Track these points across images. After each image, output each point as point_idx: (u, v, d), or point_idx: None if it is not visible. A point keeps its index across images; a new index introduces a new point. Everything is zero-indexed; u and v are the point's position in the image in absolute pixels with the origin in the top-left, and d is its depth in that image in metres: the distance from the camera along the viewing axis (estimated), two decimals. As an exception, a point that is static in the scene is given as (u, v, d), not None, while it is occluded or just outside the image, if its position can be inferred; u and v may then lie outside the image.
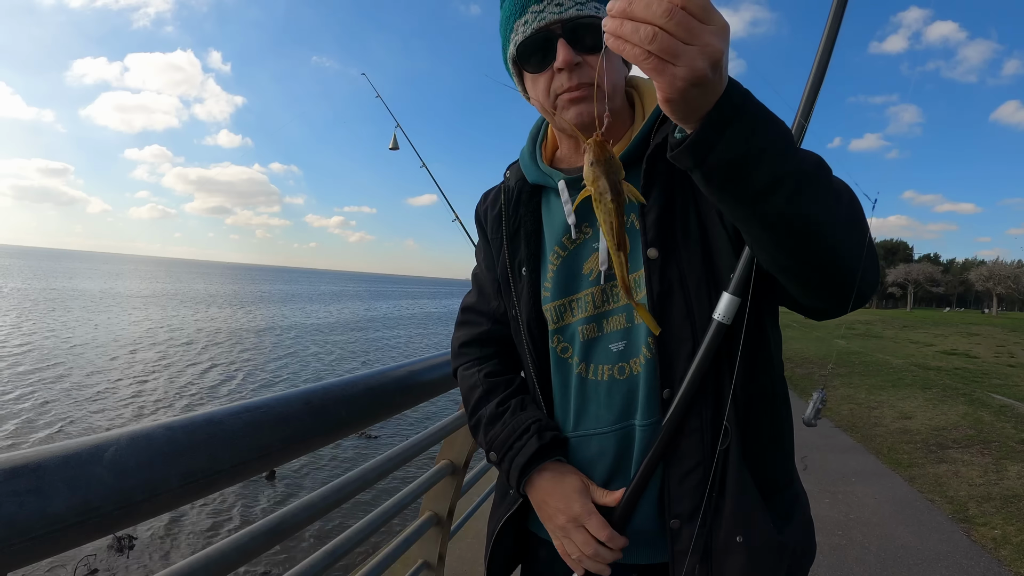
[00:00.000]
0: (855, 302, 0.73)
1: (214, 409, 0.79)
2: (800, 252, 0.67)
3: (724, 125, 0.58)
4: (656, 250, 0.83)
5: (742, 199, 0.63)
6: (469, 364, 1.08)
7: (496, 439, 0.94)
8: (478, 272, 1.13)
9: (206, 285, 67.25)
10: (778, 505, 0.86)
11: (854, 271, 0.69)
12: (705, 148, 0.59)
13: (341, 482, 1.17)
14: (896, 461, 5.39)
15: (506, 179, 1.04)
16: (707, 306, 0.81)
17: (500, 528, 0.99)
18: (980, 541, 3.69)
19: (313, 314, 37.92)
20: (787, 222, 0.64)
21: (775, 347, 0.90)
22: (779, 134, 0.61)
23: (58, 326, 21.87)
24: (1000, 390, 8.96)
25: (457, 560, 2.93)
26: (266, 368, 16.36)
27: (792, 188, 0.62)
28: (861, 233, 0.70)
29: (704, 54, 0.53)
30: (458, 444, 1.76)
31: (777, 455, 0.90)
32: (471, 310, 1.12)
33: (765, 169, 0.60)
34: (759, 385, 0.86)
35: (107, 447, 0.61)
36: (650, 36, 0.52)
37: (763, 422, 0.86)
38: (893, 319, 34.52)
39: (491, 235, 1.04)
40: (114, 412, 10.82)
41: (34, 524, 0.52)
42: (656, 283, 0.83)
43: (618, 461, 0.88)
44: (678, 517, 0.82)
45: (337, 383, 1.07)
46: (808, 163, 0.65)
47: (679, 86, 0.54)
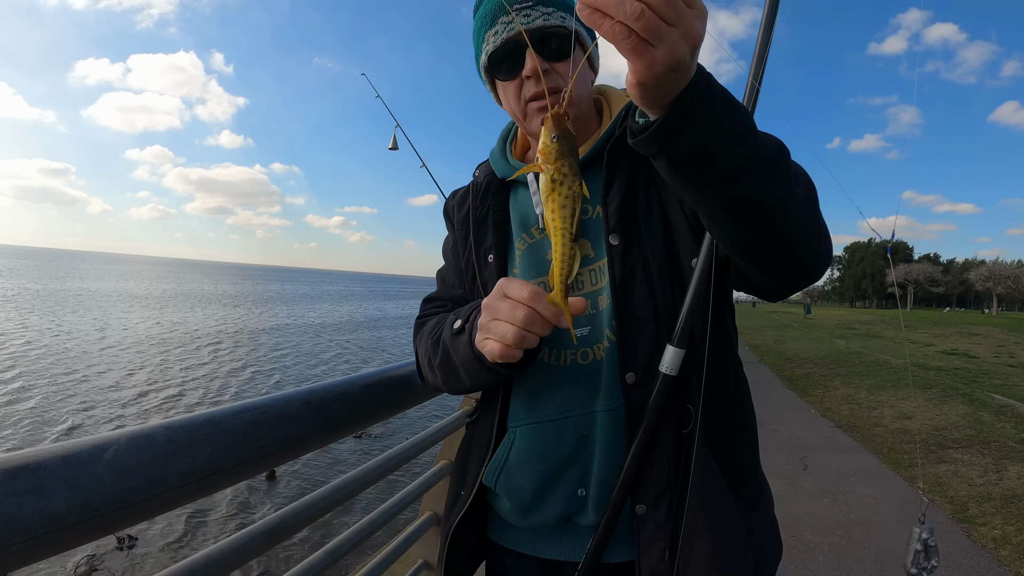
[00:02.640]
0: (808, 278, 0.76)
1: (214, 409, 0.79)
2: (760, 232, 0.68)
3: (691, 111, 0.57)
4: (618, 236, 0.85)
5: (705, 184, 0.63)
6: (427, 323, 1.05)
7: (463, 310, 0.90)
8: (442, 268, 1.14)
9: (214, 286, 67.40)
10: (744, 495, 0.87)
11: (811, 250, 0.73)
12: (671, 134, 0.59)
13: (341, 482, 1.17)
14: (896, 461, 5.39)
15: (475, 177, 1.06)
16: (669, 291, 0.84)
17: (453, 532, 0.96)
18: (980, 541, 3.69)
19: (327, 314, 38.32)
20: (750, 205, 0.65)
21: (733, 337, 0.93)
22: (743, 119, 0.62)
23: (85, 326, 22.12)
24: (1000, 390, 8.96)
25: (457, 560, 2.93)
26: (295, 368, 16.61)
27: (755, 172, 0.63)
28: (816, 212, 0.74)
29: (686, 38, 0.51)
30: (458, 444, 1.76)
31: (741, 445, 0.91)
32: (433, 300, 1.12)
33: (730, 154, 0.60)
34: (721, 372, 0.87)
35: (107, 447, 0.61)
36: (637, 12, 0.49)
37: (726, 410, 0.87)
38: (893, 319, 34.51)
39: (458, 227, 1.06)
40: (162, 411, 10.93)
41: (34, 524, 0.52)
42: (618, 268, 0.84)
43: (577, 448, 0.87)
44: (644, 503, 0.82)
45: (337, 383, 1.07)
46: (771, 147, 0.66)
47: (657, 70, 0.53)
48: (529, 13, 0.86)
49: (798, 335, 19.78)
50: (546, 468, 0.89)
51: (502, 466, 0.92)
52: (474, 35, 0.94)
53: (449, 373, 0.92)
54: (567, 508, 0.89)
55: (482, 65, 0.93)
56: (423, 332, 1.03)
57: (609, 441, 0.85)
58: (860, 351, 15.16)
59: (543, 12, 0.86)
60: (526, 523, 0.93)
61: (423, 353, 1.00)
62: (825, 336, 19.90)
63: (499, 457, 0.93)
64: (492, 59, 0.90)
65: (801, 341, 17.65)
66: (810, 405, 8.13)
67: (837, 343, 17.52)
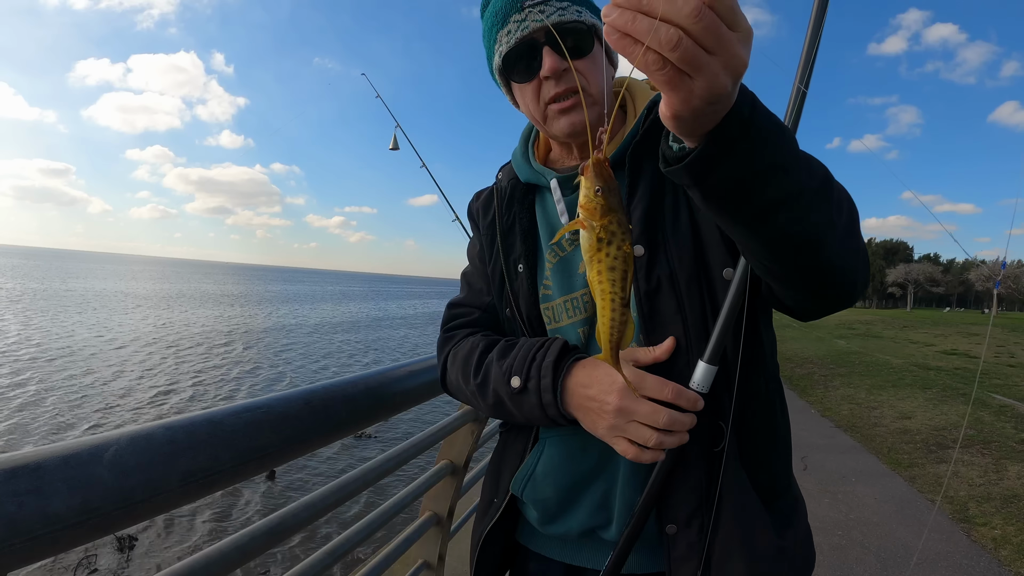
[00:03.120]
0: (844, 304, 0.73)
1: (214, 409, 0.79)
2: (798, 264, 0.65)
3: (731, 142, 0.51)
4: (642, 247, 0.81)
5: (742, 218, 0.59)
6: (460, 339, 1.00)
7: (515, 360, 0.85)
8: (468, 271, 1.10)
9: (216, 286, 67.38)
10: (778, 510, 0.84)
11: (848, 277, 0.68)
12: (707, 167, 0.53)
13: (341, 482, 1.17)
14: (896, 461, 5.39)
15: (498, 180, 1.02)
16: (698, 303, 0.79)
17: (484, 538, 0.96)
18: (980, 541, 3.69)
19: (333, 314, 38.36)
20: (788, 238, 0.60)
21: (769, 348, 0.88)
22: (786, 147, 0.56)
23: (95, 326, 22.15)
24: (1000, 390, 8.96)
25: (457, 560, 2.93)
26: (307, 368, 16.64)
27: (796, 206, 0.58)
28: (857, 240, 0.69)
29: (728, 67, 0.45)
30: (458, 444, 1.76)
31: (775, 459, 0.87)
32: (460, 305, 1.07)
33: (771, 188, 0.55)
34: (753, 386, 0.83)
35: (107, 447, 0.61)
36: (673, 40, 0.42)
37: (759, 424, 0.84)
38: (893, 319, 34.50)
39: (484, 232, 1.02)
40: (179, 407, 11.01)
41: (34, 524, 0.52)
42: (643, 281, 0.80)
43: (603, 461, 0.86)
44: (674, 522, 0.79)
45: (337, 383, 1.07)
46: (815, 176, 0.60)
47: (695, 104, 0.46)
48: (543, 9, 0.81)
49: (798, 335, 19.78)
50: (571, 480, 0.87)
51: (529, 475, 0.91)
52: (484, 36, 0.89)
53: (499, 412, 0.90)
54: (591, 521, 0.87)
55: (496, 67, 0.88)
56: (456, 354, 0.97)
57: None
58: (860, 351, 15.15)
59: (557, 7, 0.81)
60: (552, 532, 0.92)
61: (456, 374, 0.96)
62: (825, 336, 19.89)
63: (527, 466, 0.92)
64: (507, 60, 0.85)
65: (801, 341, 17.64)
66: (810, 405, 8.13)
67: (837, 343, 17.51)
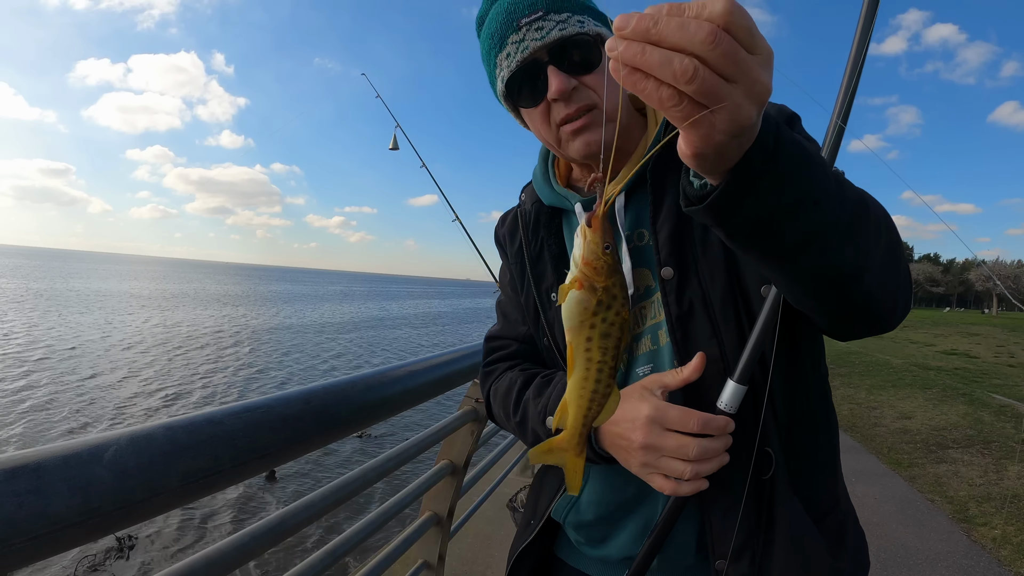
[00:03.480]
0: (883, 329, 0.69)
1: (214, 409, 0.79)
2: (833, 297, 0.61)
3: (756, 177, 0.47)
4: (671, 269, 0.76)
5: (770, 255, 0.55)
6: (499, 374, 0.99)
7: (550, 399, 0.83)
8: (502, 300, 1.06)
9: (218, 285, 67.42)
10: (829, 528, 0.79)
11: (887, 305, 0.64)
12: (731, 206, 0.49)
13: (341, 482, 1.17)
14: (896, 461, 5.39)
15: (521, 202, 0.98)
16: (734, 324, 0.74)
17: (520, 553, 0.94)
18: (980, 541, 3.69)
19: (339, 313, 38.43)
20: (820, 273, 0.56)
21: (813, 359, 0.81)
22: (815, 177, 0.50)
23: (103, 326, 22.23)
24: (1000, 390, 8.96)
25: (457, 560, 2.93)
26: (318, 368, 16.68)
27: (829, 240, 0.53)
28: (897, 268, 0.63)
29: (751, 95, 0.40)
30: (458, 444, 1.76)
31: (824, 475, 0.82)
32: (497, 338, 1.04)
33: (800, 223, 0.51)
34: (800, 404, 0.78)
35: (107, 447, 0.61)
36: (689, 72, 0.38)
37: (806, 442, 0.78)
38: (893, 319, 34.44)
39: (513, 260, 0.97)
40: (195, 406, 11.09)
41: (34, 524, 0.52)
42: (674, 305, 0.76)
43: (644, 489, 0.80)
44: (723, 557, 0.74)
45: (337, 383, 1.07)
46: (847, 206, 0.54)
47: (717, 140, 0.42)
48: (542, 26, 0.74)
49: (798, 335, 19.75)
50: (613, 508, 0.85)
51: (573, 504, 0.90)
52: (483, 58, 0.83)
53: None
54: (632, 548, 0.84)
55: (500, 93, 0.82)
56: (496, 391, 0.97)
57: None
58: (860, 351, 15.14)
59: (557, 22, 0.74)
60: (592, 554, 0.91)
61: (499, 410, 0.96)
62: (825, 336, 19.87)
63: (570, 495, 0.90)
64: (510, 86, 0.79)
65: (801, 341, 17.61)
66: (810, 405, 8.13)
67: (837, 343, 17.49)
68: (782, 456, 0.74)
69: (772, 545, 0.73)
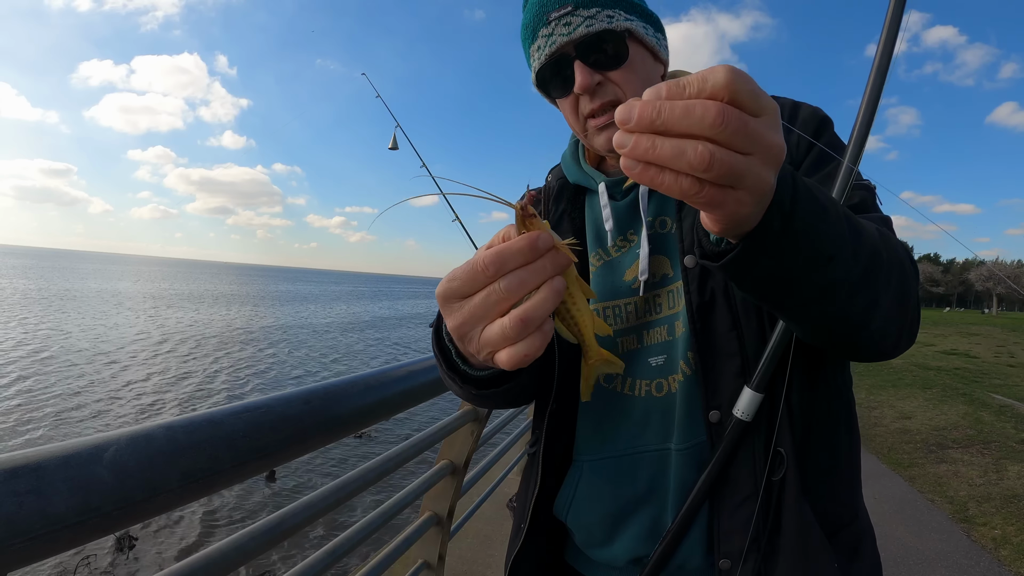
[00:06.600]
0: (889, 357, 0.69)
1: (214, 409, 0.79)
2: (839, 339, 0.62)
3: (771, 238, 0.46)
4: (695, 257, 0.75)
5: (783, 308, 0.56)
6: None
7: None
8: None
9: (223, 285, 67.54)
10: (843, 542, 0.76)
11: (891, 342, 0.64)
12: (746, 266, 0.49)
13: (341, 482, 1.17)
14: (896, 461, 5.39)
15: (548, 181, 1.00)
16: (755, 320, 0.73)
17: (514, 561, 0.90)
18: (980, 541, 3.69)
19: (347, 314, 38.72)
20: (829, 322, 0.57)
21: (833, 365, 0.80)
22: (830, 233, 0.49)
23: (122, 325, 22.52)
24: (1000, 390, 8.96)
25: (457, 560, 2.93)
26: (331, 368, 16.82)
27: (840, 293, 0.53)
28: (905, 311, 0.63)
29: (767, 159, 0.39)
30: (458, 444, 1.76)
31: (840, 487, 0.79)
32: None
33: (813, 279, 0.51)
34: (819, 406, 0.77)
35: (107, 447, 0.61)
36: (705, 160, 0.36)
37: (822, 448, 0.76)
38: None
39: None
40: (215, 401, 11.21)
41: (34, 524, 0.52)
42: (695, 294, 0.75)
43: (651, 486, 0.79)
44: (728, 556, 0.72)
45: (337, 383, 1.07)
46: (860, 258, 0.53)
47: (743, 212, 0.42)
48: (570, 21, 0.75)
49: (798, 335, 19.76)
50: (616, 506, 0.82)
51: (571, 501, 0.87)
52: (523, 49, 0.86)
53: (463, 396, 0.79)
54: (640, 549, 0.81)
55: (533, 82, 0.86)
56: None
57: (682, 482, 0.76)
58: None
59: (584, 17, 0.75)
60: (597, 557, 0.88)
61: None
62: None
63: (567, 491, 0.87)
64: (540, 77, 0.82)
65: (801, 341, 17.62)
66: (810, 405, 8.12)
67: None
68: (794, 459, 0.73)
69: (777, 550, 0.72)
